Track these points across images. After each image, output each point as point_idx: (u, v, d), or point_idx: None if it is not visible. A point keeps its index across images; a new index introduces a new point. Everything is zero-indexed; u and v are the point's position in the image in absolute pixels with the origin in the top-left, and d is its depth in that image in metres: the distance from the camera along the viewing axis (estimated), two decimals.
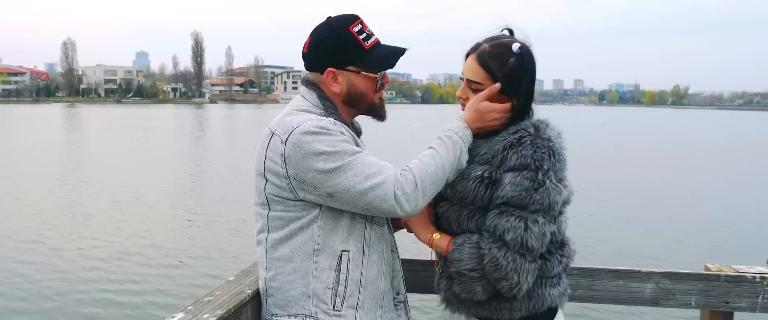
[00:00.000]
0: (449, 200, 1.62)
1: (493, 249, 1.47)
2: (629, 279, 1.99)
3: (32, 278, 7.78)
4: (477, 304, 1.60)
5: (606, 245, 9.84)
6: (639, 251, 9.67)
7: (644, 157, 25.89)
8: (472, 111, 1.61)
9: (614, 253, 9.42)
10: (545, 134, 1.53)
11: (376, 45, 1.64)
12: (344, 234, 1.56)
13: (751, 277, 1.94)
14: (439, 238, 1.63)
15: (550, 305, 1.58)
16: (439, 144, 1.57)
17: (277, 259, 1.59)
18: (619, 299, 2.01)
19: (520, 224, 1.45)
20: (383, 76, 1.66)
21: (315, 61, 1.64)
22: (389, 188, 1.46)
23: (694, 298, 1.97)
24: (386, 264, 1.65)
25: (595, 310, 6.86)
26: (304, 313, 1.56)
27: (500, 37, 1.64)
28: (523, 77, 1.59)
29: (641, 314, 6.80)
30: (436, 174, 1.53)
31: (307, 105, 1.63)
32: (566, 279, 1.66)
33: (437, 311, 6.72)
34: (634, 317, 6.86)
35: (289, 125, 1.53)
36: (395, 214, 1.49)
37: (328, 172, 1.47)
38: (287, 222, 1.57)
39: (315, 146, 1.47)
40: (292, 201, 1.55)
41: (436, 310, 7.09)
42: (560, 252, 1.60)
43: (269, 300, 1.62)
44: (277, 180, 1.54)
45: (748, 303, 1.95)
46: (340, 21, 1.60)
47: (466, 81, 1.64)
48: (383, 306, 1.63)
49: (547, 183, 1.46)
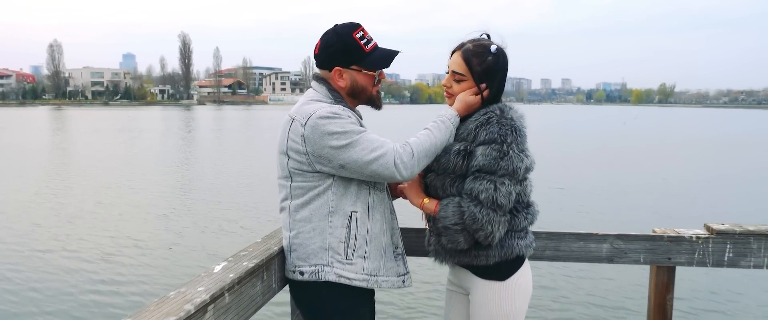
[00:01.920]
0: (435, 171, 2.00)
1: (471, 207, 1.85)
2: (588, 240, 2.37)
3: (18, 279, 7.84)
4: (460, 253, 1.98)
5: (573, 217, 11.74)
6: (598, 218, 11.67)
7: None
8: (462, 103, 2.00)
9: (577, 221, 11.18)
10: (508, 115, 1.91)
11: (375, 48, 2.01)
12: (353, 198, 1.94)
13: (688, 237, 2.33)
14: (429, 202, 2.01)
15: (518, 253, 1.97)
16: (434, 126, 1.96)
17: (299, 221, 1.96)
18: (580, 258, 2.39)
19: (491, 186, 1.82)
20: (380, 73, 2.05)
21: (324, 61, 2.01)
22: (390, 158, 1.84)
23: (643, 255, 2.36)
24: (387, 222, 2.03)
25: (561, 268, 7.97)
26: (322, 263, 1.93)
27: (481, 39, 2.03)
28: (497, 72, 1.98)
29: (599, 270, 7.87)
30: (430, 149, 1.91)
31: (319, 96, 2.00)
32: (531, 235, 2.04)
33: (428, 271, 7.53)
34: (593, 273, 7.98)
35: (307, 112, 1.90)
36: (395, 179, 1.87)
37: (340, 148, 1.84)
38: (306, 190, 1.94)
39: (329, 127, 1.85)
40: (310, 173, 1.92)
41: (428, 270, 7.74)
42: (526, 210, 1.99)
43: (293, 255, 1.98)
44: (298, 156, 1.91)
45: (686, 259, 2.34)
46: (346, 28, 1.98)
47: (452, 73, 2.02)
48: (385, 257, 2.00)
49: (511, 153, 1.84)
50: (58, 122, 56.78)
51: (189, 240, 10.13)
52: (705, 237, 2.32)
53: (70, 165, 21.58)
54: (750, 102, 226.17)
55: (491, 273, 1.97)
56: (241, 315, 1.75)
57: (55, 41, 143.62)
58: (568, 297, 7.39)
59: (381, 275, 1.98)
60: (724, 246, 2.32)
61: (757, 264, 2.31)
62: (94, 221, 11.55)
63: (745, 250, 2.32)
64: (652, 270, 2.41)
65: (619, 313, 6.97)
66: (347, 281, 1.92)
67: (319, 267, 1.93)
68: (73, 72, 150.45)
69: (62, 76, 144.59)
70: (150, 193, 14.92)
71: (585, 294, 7.49)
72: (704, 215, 10.80)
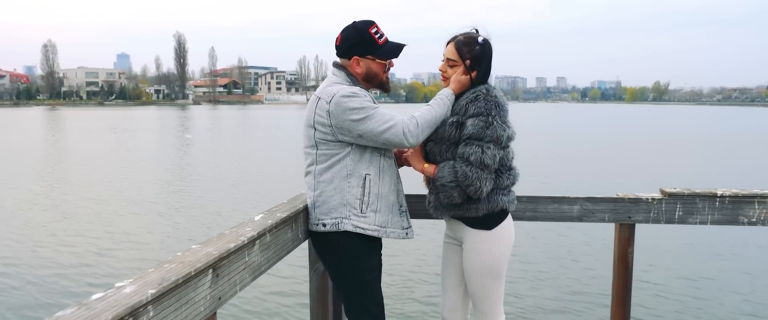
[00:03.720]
0: (434, 140, 2.43)
1: (463, 167, 2.27)
2: (562, 203, 2.81)
3: (11, 274, 8.10)
4: (455, 207, 2.40)
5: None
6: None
7: None
8: (456, 82, 2.43)
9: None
10: (493, 93, 2.34)
11: (386, 42, 2.45)
12: (367, 163, 2.37)
13: (645, 199, 2.77)
14: (428, 166, 2.44)
15: (503, 207, 2.40)
16: (435, 102, 2.40)
17: (322, 182, 2.39)
18: (555, 217, 2.83)
19: (479, 150, 2.25)
20: (389, 62, 2.48)
21: (345, 51, 2.44)
22: (399, 128, 2.27)
23: (607, 215, 2.80)
24: (394, 184, 2.46)
25: (539, 227, 9.79)
26: (341, 216, 2.36)
27: (470, 32, 2.46)
28: (483, 58, 2.41)
29: (571, 227, 10.07)
30: (431, 121, 2.35)
31: (339, 79, 2.43)
32: (514, 193, 2.47)
33: (429, 231, 8.80)
34: (566, 230, 10.17)
35: (331, 92, 2.33)
36: (403, 145, 2.30)
37: (358, 121, 2.27)
38: (329, 157, 2.37)
39: (349, 104, 2.27)
40: (333, 143, 2.34)
41: (428, 230, 8.98)
42: (508, 172, 2.42)
43: (316, 210, 2.41)
44: (323, 128, 2.34)
45: (644, 217, 2.78)
46: (363, 24, 2.41)
47: (447, 60, 2.45)
48: (392, 212, 2.43)
49: (495, 124, 2.27)
50: (54, 122, 56.85)
51: (184, 233, 10.54)
52: (659, 199, 2.76)
53: (65, 166, 21.78)
54: (743, 99, 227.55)
55: (480, 223, 2.40)
56: (277, 254, 2.18)
57: (49, 41, 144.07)
58: (546, 252, 9.16)
59: (389, 227, 2.41)
60: (675, 206, 2.76)
61: (702, 221, 2.75)
62: (88, 217, 11.87)
63: (692, 209, 2.75)
64: (616, 228, 2.85)
65: (589, 265, 8.60)
66: (361, 230, 2.35)
67: (339, 220, 2.36)
68: (67, 72, 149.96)
69: (57, 76, 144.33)
70: (143, 190, 15.24)
71: (560, 250, 9.35)
72: (660, 182, 12.47)
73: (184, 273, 1.47)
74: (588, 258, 8.91)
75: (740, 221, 2.74)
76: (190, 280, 1.50)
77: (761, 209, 2.72)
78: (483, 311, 2.50)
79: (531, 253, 9.01)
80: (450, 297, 2.64)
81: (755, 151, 27.29)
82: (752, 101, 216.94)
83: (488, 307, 2.49)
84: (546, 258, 8.89)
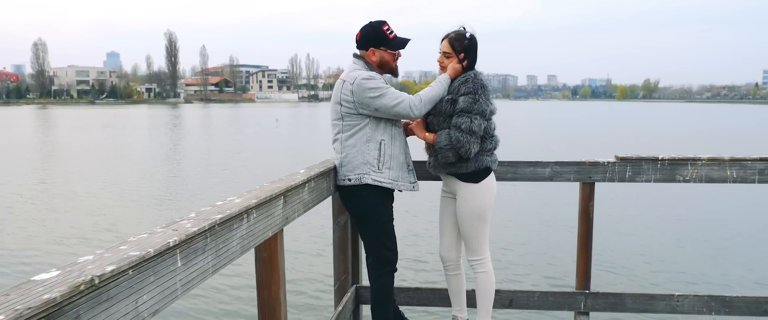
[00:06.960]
0: (433, 114, 3.12)
1: (456, 133, 2.96)
2: (536, 166, 3.51)
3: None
4: (449, 165, 3.09)
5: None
6: None
7: None
8: (452, 69, 3.11)
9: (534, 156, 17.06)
10: (479, 77, 3.03)
11: (395, 37, 3.14)
12: (382, 131, 3.06)
13: (603, 162, 3.47)
14: (429, 134, 3.14)
15: (487, 165, 3.10)
16: (436, 84, 3.09)
17: (347, 146, 3.07)
18: (531, 178, 3.52)
19: (468, 120, 2.94)
20: (398, 53, 3.17)
21: (364, 44, 3.13)
22: (407, 103, 2.96)
23: (573, 175, 3.49)
24: (403, 148, 3.15)
25: (516, 186, 12.98)
26: (363, 172, 3.05)
27: (459, 30, 3.15)
28: (471, 49, 3.10)
29: (543, 186, 12.45)
30: (432, 98, 3.04)
31: (359, 67, 3.12)
32: (496, 155, 3.17)
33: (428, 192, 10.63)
34: (540, 188, 13.51)
35: (353, 76, 3.02)
36: (409, 116, 3.00)
37: (375, 98, 2.96)
38: (352, 126, 3.05)
39: (368, 84, 2.96)
40: (355, 115, 3.03)
41: (427, 189, 10.74)
42: (491, 138, 3.12)
43: (343, 169, 3.10)
44: (348, 104, 3.02)
45: (601, 177, 3.48)
46: (377, 23, 3.11)
47: (443, 53, 3.14)
48: (402, 170, 3.13)
49: (480, 100, 2.96)
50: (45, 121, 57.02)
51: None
52: (613, 162, 3.46)
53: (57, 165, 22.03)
54: (732, 97, 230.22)
55: (470, 177, 3.10)
56: (318, 196, 2.87)
57: (39, 39, 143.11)
58: (523, 210, 12.52)
59: (400, 181, 3.11)
60: (626, 168, 3.46)
61: (647, 180, 3.46)
62: (78, 210, 12.50)
63: (640, 170, 3.46)
64: (580, 186, 3.55)
65: (557, 218, 11.67)
66: (379, 183, 3.05)
67: (361, 175, 3.05)
68: (57, 71, 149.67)
69: (47, 75, 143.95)
70: (140, 191, 15.61)
71: (535, 206, 12.87)
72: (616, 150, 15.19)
73: (268, 196, 2.15)
74: (557, 213, 12.10)
75: (677, 179, 3.44)
76: (272, 200, 2.18)
77: (693, 170, 3.43)
78: (473, 248, 3.20)
79: (511, 210, 12.30)
80: (446, 239, 3.34)
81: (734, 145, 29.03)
82: (741, 98, 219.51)
83: (477, 245, 3.18)
84: (523, 213, 12.26)
